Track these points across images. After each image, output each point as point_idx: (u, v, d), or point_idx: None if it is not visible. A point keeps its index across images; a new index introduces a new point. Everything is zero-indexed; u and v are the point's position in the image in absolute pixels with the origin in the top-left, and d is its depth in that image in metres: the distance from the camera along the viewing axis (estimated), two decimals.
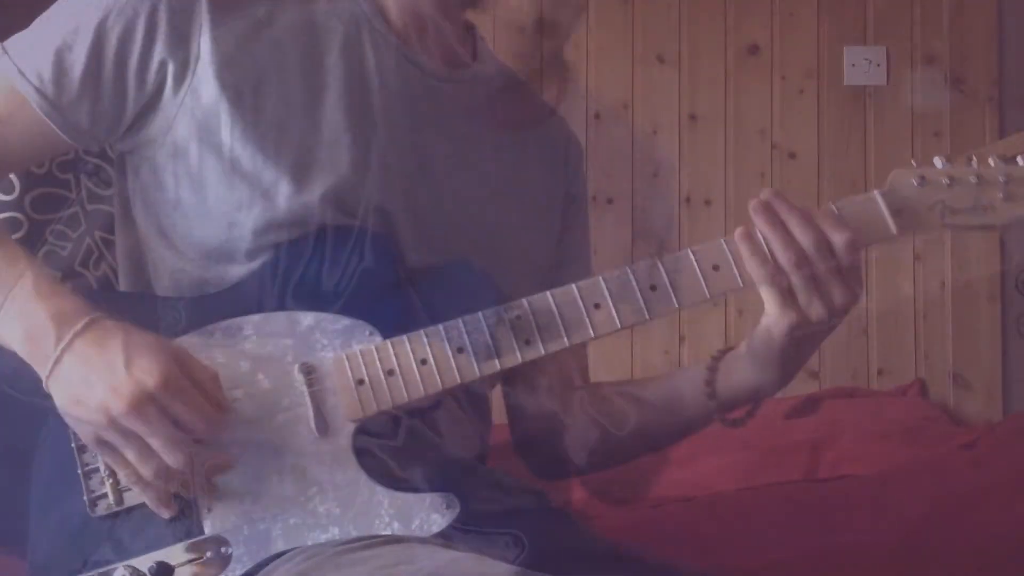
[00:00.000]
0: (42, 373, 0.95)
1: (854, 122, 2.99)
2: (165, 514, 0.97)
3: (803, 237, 0.99)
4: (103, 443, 0.95)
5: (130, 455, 0.95)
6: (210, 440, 0.96)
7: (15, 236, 1.26)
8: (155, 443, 0.93)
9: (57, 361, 0.94)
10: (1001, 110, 2.97)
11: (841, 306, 1.00)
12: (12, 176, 1.28)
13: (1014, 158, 1.03)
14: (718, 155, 2.99)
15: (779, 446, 2.09)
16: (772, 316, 1.01)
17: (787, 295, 1.00)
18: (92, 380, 0.93)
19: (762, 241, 1.00)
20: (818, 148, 2.99)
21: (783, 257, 0.99)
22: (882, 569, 1.40)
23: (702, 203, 2.98)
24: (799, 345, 1.04)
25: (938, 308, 2.93)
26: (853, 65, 2.99)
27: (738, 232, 1.01)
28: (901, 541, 1.41)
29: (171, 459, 0.94)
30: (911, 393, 2.80)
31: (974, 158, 1.03)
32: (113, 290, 1.24)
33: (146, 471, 0.95)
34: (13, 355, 0.98)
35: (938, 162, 1.03)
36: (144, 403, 0.92)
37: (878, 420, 2.35)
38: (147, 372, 0.92)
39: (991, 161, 1.03)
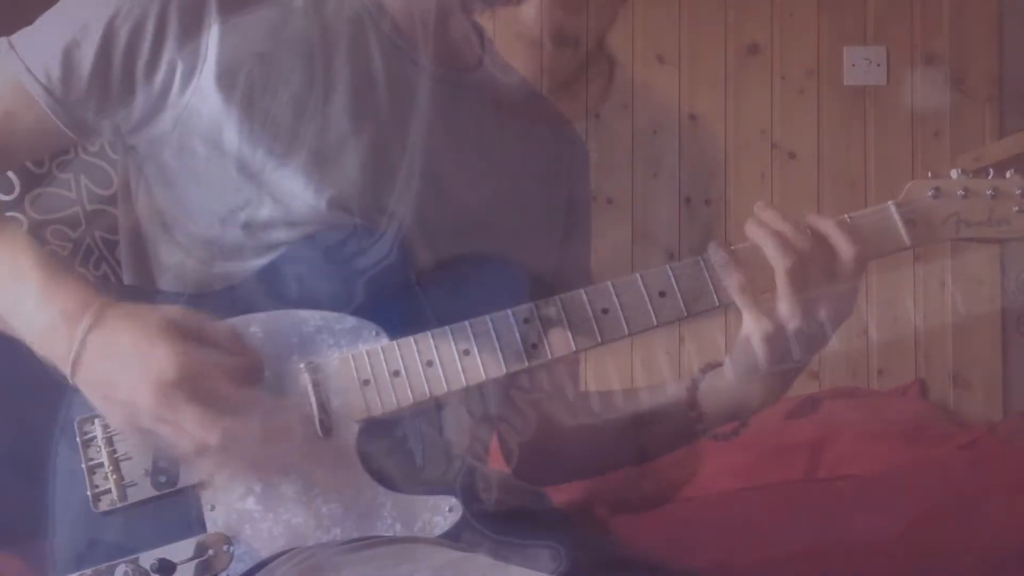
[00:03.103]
0: (65, 372, 0.95)
1: (854, 122, 2.99)
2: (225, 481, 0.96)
3: (802, 246, 0.99)
4: (140, 430, 0.94)
5: (169, 437, 0.93)
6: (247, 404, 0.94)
7: None
8: (189, 426, 0.92)
9: (76, 363, 0.94)
10: (1001, 110, 2.97)
11: (826, 321, 1.00)
12: (12, 176, 1.28)
13: None
14: (718, 155, 2.99)
15: (779, 446, 2.09)
16: (747, 324, 1.01)
17: (759, 304, 0.99)
18: (114, 377, 0.93)
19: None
20: (818, 148, 2.99)
21: (779, 264, 0.98)
22: (881, 569, 1.40)
23: (702, 203, 2.98)
24: (782, 357, 1.03)
25: (938, 308, 2.93)
26: (853, 65, 2.99)
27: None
28: (900, 541, 1.41)
29: (208, 437, 0.92)
30: (911, 393, 2.80)
31: (991, 171, 1.03)
32: (117, 283, 1.23)
33: (186, 448, 0.93)
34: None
35: (954, 173, 1.03)
36: (169, 393, 0.91)
37: (878, 420, 2.35)
38: (163, 361, 0.91)
39: (1007, 174, 1.03)
